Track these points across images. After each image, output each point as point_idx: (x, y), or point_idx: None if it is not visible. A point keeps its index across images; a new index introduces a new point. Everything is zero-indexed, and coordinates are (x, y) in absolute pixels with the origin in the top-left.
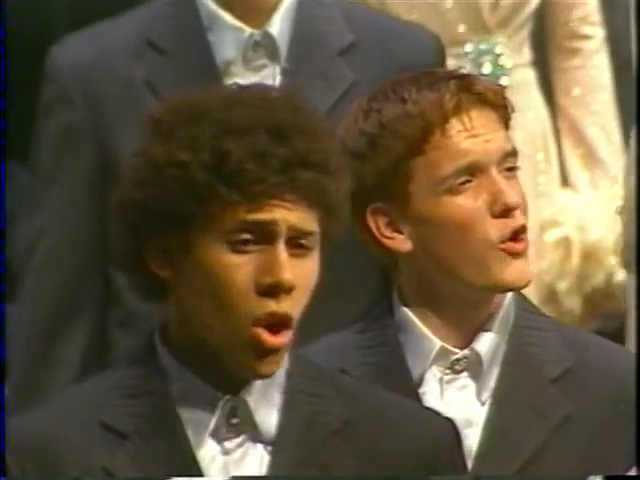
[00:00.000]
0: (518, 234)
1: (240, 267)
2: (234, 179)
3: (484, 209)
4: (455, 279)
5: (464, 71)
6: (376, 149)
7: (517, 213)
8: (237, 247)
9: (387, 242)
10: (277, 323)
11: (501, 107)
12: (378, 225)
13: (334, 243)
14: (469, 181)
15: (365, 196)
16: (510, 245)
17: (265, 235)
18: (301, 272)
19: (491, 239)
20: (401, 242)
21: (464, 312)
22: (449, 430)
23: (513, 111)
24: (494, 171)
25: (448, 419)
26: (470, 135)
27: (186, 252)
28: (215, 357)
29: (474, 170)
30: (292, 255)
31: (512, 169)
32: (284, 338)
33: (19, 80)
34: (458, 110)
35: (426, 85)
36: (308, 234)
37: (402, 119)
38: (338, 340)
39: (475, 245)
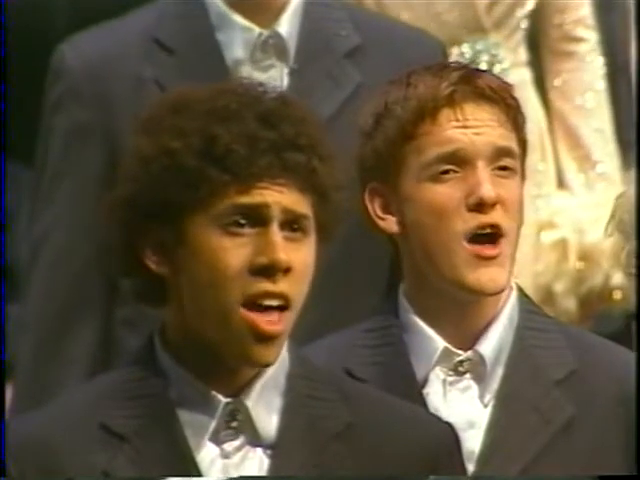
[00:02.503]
0: (491, 235)
1: (233, 249)
2: (224, 162)
3: (461, 201)
4: (433, 271)
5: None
6: (378, 129)
7: (495, 211)
8: (230, 229)
9: (380, 223)
10: (273, 304)
11: (504, 105)
12: (374, 205)
13: (331, 234)
14: (455, 172)
15: (365, 175)
16: (478, 248)
17: (258, 218)
18: (297, 256)
19: (456, 232)
20: (390, 223)
21: (460, 311)
22: (449, 434)
23: (521, 115)
24: (480, 165)
25: (448, 423)
26: (460, 125)
27: (180, 242)
28: (214, 357)
29: (459, 161)
30: (287, 239)
31: (507, 169)
32: (279, 326)
33: (20, 81)
34: (451, 99)
35: (432, 72)
36: (302, 217)
37: (400, 101)
38: (344, 339)
39: (444, 236)
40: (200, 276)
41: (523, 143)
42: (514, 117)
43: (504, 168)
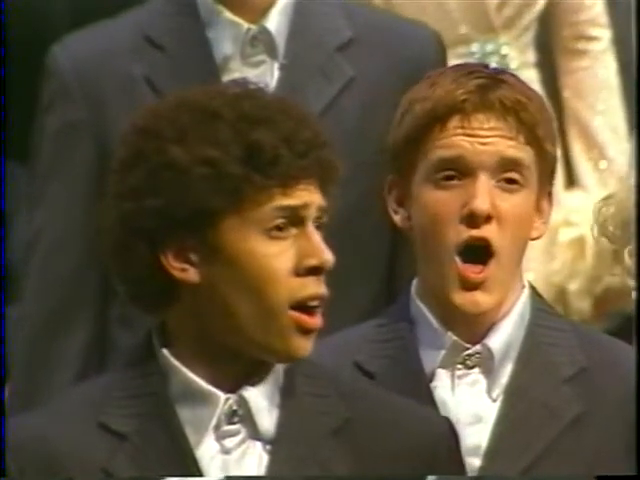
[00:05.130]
0: (481, 253)
1: (279, 254)
2: (268, 167)
3: (457, 212)
4: (428, 275)
5: (504, 75)
6: (401, 122)
7: (488, 226)
8: (272, 234)
9: (394, 216)
10: (318, 304)
11: (516, 120)
12: (390, 197)
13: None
14: (456, 178)
15: (388, 164)
16: (466, 269)
17: (297, 219)
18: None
19: (448, 243)
20: (401, 218)
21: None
22: (447, 429)
23: (543, 128)
24: (482, 176)
25: (447, 419)
26: (466, 134)
27: (214, 248)
28: (223, 356)
29: (462, 169)
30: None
31: (515, 182)
32: (319, 320)
33: (19, 80)
34: (462, 109)
35: (455, 76)
36: (325, 212)
37: (420, 100)
38: (355, 333)
39: (437, 245)
40: (240, 280)
41: (545, 156)
42: (531, 132)
43: (511, 181)
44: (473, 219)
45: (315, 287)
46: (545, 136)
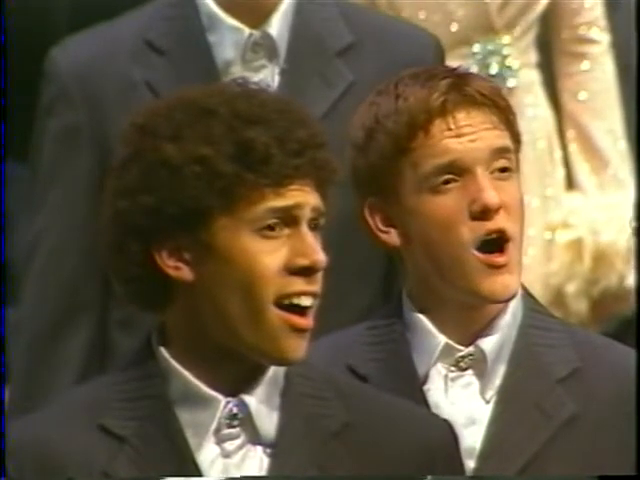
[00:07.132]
0: (498, 242)
1: (270, 252)
2: (260, 166)
3: (465, 211)
4: (443, 280)
5: (465, 70)
6: (370, 143)
7: (499, 216)
8: (264, 233)
9: (382, 236)
10: (307, 303)
11: (495, 108)
12: (374, 219)
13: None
14: (454, 181)
15: (362, 189)
16: (489, 257)
17: (290, 220)
18: (321, 254)
19: (464, 242)
20: (393, 236)
21: (466, 313)
22: (447, 431)
23: (512, 112)
24: (479, 171)
25: (446, 421)
26: (454, 135)
27: (207, 246)
28: (221, 358)
29: (458, 170)
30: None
31: (505, 170)
32: (310, 320)
33: (19, 80)
34: (443, 110)
35: (420, 82)
36: (321, 215)
37: (392, 115)
38: (347, 336)
39: (452, 247)
40: (232, 279)
41: (517, 137)
42: (506, 117)
43: (503, 170)
44: (486, 213)
45: (304, 285)
46: (514, 119)
